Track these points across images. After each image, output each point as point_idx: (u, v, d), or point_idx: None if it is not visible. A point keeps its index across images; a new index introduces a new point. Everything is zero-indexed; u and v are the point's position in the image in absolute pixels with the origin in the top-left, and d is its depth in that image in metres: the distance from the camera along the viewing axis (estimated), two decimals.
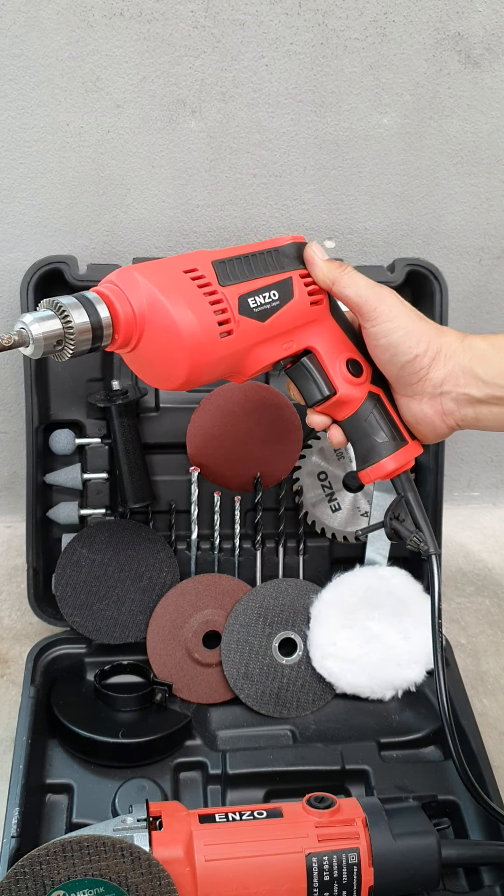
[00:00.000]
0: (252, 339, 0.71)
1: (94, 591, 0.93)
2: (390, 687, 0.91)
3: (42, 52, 0.84)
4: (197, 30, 0.85)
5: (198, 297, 0.67)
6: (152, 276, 0.66)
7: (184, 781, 0.85)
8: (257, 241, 0.77)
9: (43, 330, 0.63)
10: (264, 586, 0.94)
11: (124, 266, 0.68)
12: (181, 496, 0.98)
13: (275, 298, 0.73)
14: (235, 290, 0.71)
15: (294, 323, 0.75)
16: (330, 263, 0.75)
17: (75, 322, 0.63)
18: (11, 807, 0.77)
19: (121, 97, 0.87)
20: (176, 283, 0.67)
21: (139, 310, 0.66)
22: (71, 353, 0.64)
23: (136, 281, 0.66)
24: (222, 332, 0.68)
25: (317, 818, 0.72)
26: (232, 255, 0.73)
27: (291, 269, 0.76)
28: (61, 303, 0.64)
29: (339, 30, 0.87)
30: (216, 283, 0.69)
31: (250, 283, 0.72)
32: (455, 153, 0.95)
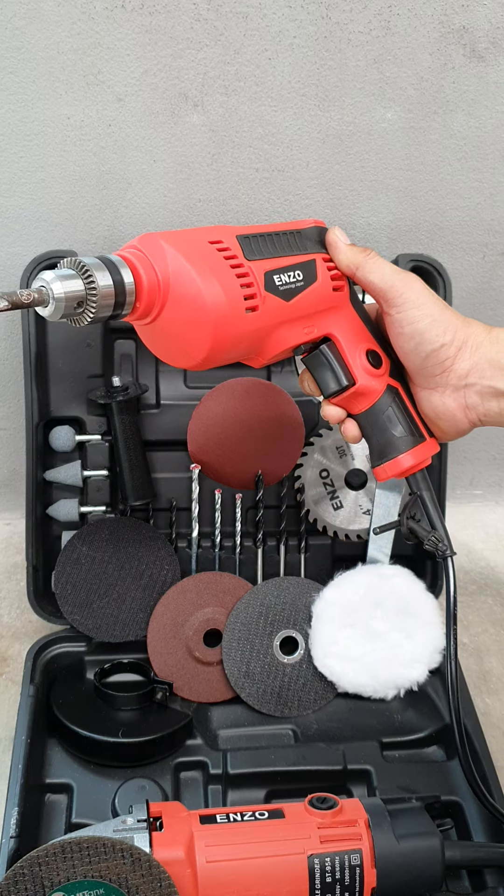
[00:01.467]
0: (276, 318, 0.69)
1: (94, 589, 0.92)
2: (392, 686, 0.90)
3: (43, 44, 0.83)
4: (199, 23, 0.84)
5: (224, 270, 0.65)
6: (178, 244, 0.64)
7: (184, 781, 0.84)
8: (278, 223, 0.74)
9: (65, 289, 0.59)
10: (266, 584, 0.93)
11: (147, 232, 0.65)
12: (182, 494, 0.97)
13: (299, 279, 0.71)
14: (261, 265, 0.68)
15: (316, 307, 0.73)
16: (353, 248, 0.73)
17: (99, 284, 0.60)
18: (10, 807, 0.76)
19: (122, 91, 0.86)
20: (202, 254, 0.64)
21: (163, 278, 0.63)
22: (91, 317, 0.61)
23: (161, 248, 0.63)
24: (248, 307, 0.66)
25: (319, 819, 0.71)
26: (256, 231, 0.70)
27: (314, 251, 0.73)
28: (85, 263, 0.61)
29: (343, 23, 0.86)
30: (242, 256, 0.67)
31: (276, 261, 0.69)
32: (459, 148, 0.95)
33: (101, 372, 0.96)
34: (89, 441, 0.96)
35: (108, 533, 0.94)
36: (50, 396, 0.95)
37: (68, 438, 0.96)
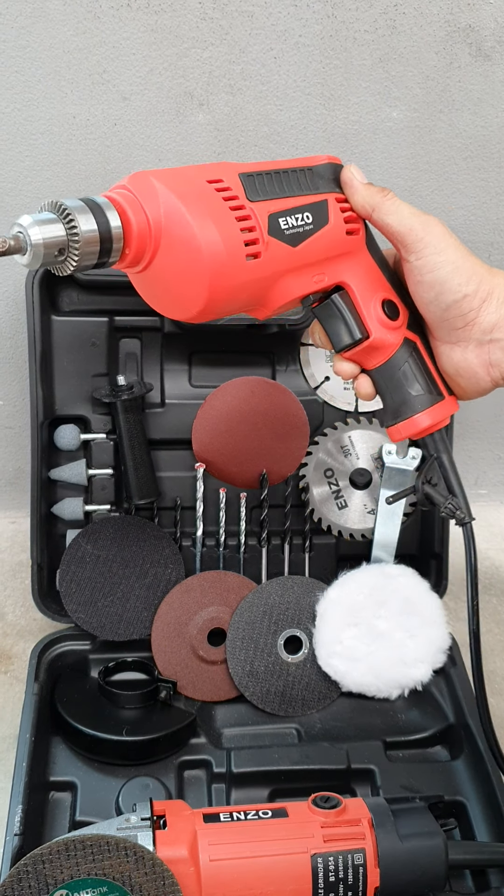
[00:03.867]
0: (281, 266, 0.63)
1: (98, 588, 0.92)
2: (396, 686, 0.90)
3: (48, 43, 0.83)
4: (205, 21, 0.84)
5: (223, 212, 0.59)
6: (172, 184, 0.58)
7: (188, 779, 0.84)
8: (287, 159, 0.68)
9: (44, 235, 0.54)
10: (270, 584, 0.93)
11: (138, 171, 0.60)
12: (187, 492, 0.97)
13: (308, 221, 0.65)
14: (265, 207, 0.62)
15: (327, 252, 0.67)
16: (370, 188, 0.67)
17: (81, 229, 0.55)
18: (14, 804, 0.76)
19: (128, 89, 0.86)
20: (199, 194, 0.59)
21: (155, 221, 0.58)
22: (74, 265, 0.56)
23: (152, 187, 0.58)
24: (249, 253, 0.61)
25: (322, 818, 0.71)
26: (261, 169, 0.64)
27: (327, 191, 0.67)
28: (66, 205, 0.56)
29: (349, 22, 0.86)
30: (244, 196, 0.61)
31: (282, 202, 0.64)
32: (465, 147, 0.94)
33: (106, 371, 0.96)
34: (94, 440, 0.96)
35: (112, 532, 0.94)
36: (55, 395, 0.95)
37: (73, 437, 0.96)
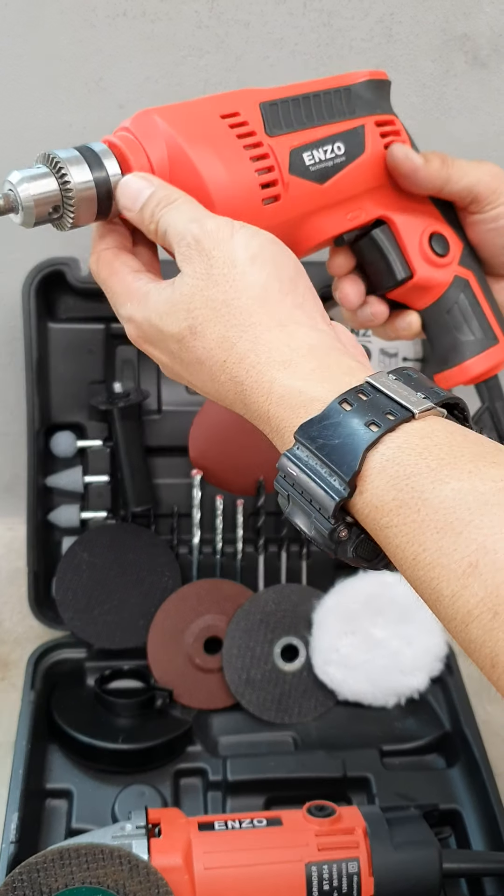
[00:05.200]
0: (305, 207, 0.58)
1: (94, 596, 0.92)
2: (393, 694, 0.90)
3: (44, 52, 0.84)
4: (201, 30, 0.84)
5: (235, 150, 0.54)
6: (178, 122, 0.53)
7: (184, 787, 0.85)
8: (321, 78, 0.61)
9: (34, 191, 0.50)
10: (266, 592, 0.93)
11: (144, 109, 0.55)
12: (183, 500, 0.97)
13: (339, 153, 0.58)
14: (287, 140, 0.56)
15: (363, 186, 0.60)
16: (429, 167, 0.62)
17: (75, 181, 0.51)
18: (10, 812, 0.76)
19: (124, 97, 0.86)
20: (208, 132, 0.54)
21: (159, 165, 0.53)
22: (72, 221, 0.53)
23: (156, 127, 0.53)
24: (266, 196, 0.55)
25: (317, 827, 0.71)
26: (287, 95, 0.58)
27: (364, 113, 0.60)
28: (57, 156, 0.51)
29: (345, 30, 0.86)
30: (262, 131, 0.56)
31: (308, 133, 0.57)
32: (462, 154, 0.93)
33: (103, 378, 0.96)
34: (90, 447, 0.96)
35: (108, 539, 0.94)
36: (51, 402, 0.95)
37: (69, 444, 0.96)
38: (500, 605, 0.39)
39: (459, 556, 0.40)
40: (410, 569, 0.43)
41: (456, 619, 0.41)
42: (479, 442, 0.44)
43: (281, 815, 0.73)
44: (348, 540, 0.46)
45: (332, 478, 0.45)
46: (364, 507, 0.44)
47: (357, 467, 0.44)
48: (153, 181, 0.54)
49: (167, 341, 0.53)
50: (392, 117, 0.65)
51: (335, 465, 0.44)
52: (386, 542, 0.44)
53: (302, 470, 0.46)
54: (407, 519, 0.42)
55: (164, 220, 0.53)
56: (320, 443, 0.45)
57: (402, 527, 0.42)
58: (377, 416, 0.45)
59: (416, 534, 0.42)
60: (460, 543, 0.40)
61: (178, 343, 0.52)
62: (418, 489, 0.42)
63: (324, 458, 0.45)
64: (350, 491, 0.44)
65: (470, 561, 0.40)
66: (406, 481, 0.43)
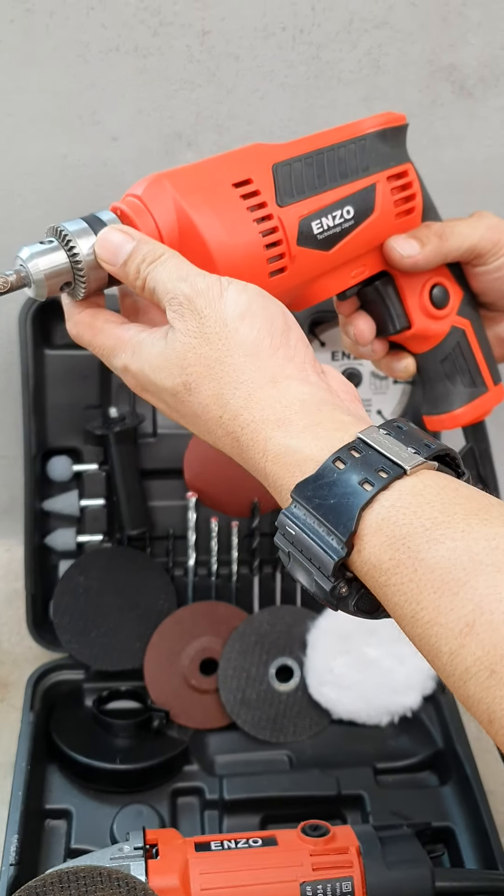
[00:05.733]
0: (310, 274, 0.58)
1: (90, 619, 0.94)
2: (387, 713, 0.91)
3: (39, 86, 0.85)
4: (192, 63, 0.86)
5: (245, 223, 0.54)
6: (188, 189, 0.54)
7: (181, 806, 0.86)
8: (335, 127, 0.61)
9: (44, 266, 0.51)
10: (261, 613, 0.95)
11: (155, 173, 0.55)
12: (179, 522, 0.99)
13: (348, 217, 0.58)
14: (297, 210, 0.56)
15: (371, 245, 0.61)
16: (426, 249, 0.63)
17: (83, 253, 0.52)
18: (10, 834, 0.77)
19: (117, 130, 0.88)
20: (218, 201, 0.54)
21: (167, 231, 0.54)
22: (84, 290, 0.54)
23: (165, 194, 0.53)
24: (272, 269, 0.56)
25: (311, 846, 0.73)
26: (301, 152, 0.58)
27: (378, 169, 0.60)
28: (65, 229, 0.52)
29: (333, 62, 0.88)
30: (273, 201, 0.56)
31: (318, 199, 0.57)
32: (449, 182, 0.96)
33: (99, 402, 0.97)
34: (86, 471, 0.97)
35: (104, 563, 0.95)
36: (47, 427, 0.97)
37: (65, 468, 0.97)
38: (496, 663, 0.40)
39: (456, 616, 0.41)
40: (409, 626, 0.44)
41: (454, 675, 0.42)
42: (471, 497, 0.45)
43: (276, 835, 0.74)
44: (349, 595, 0.47)
45: (330, 537, 0.46)
46: (362, 565, 0.45)
47: (353, 527, 0.45)
48: (134, 235, 0.54)
49: (163, 393, 0.54)
50: (405, 168, 0.64)
51: (332, 525, 0.45)
52: (385, 598, 0.45)
53: (301, 529, 0.47)
54: (404, 578, 0.43)
55: (151, 277, 0.53)
56: (316, 502, 0.46)
57: (400, 586, 0.43)
58: (370, 475, 0.46)
59: (414, 593, 0.43)
60: (457, 603, 0.41)
61: (174, 397, 0.53)
62: (414, 549, 0.43)
63: (321, 518, 0.46)
64: (348, 550, 0.45)
65: (467, 621, 0.41)
66: (402, 541, 0.44)
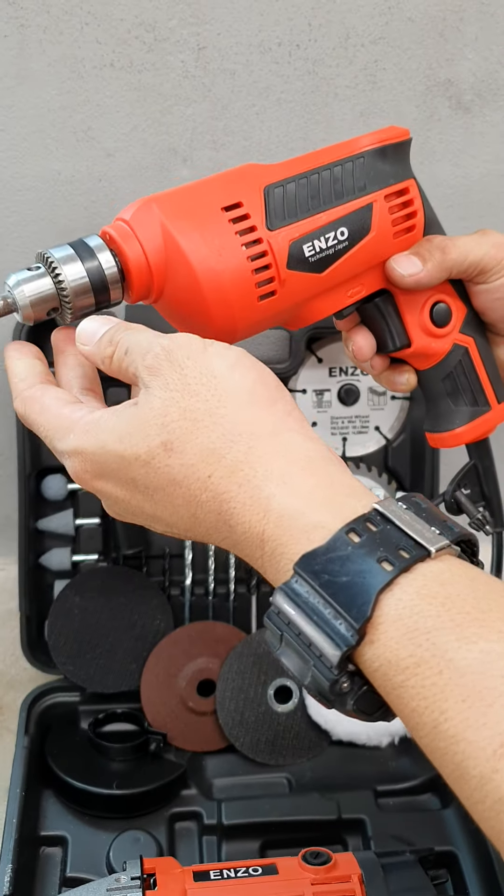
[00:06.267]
0: (302, 297, 0.57)
1: (86, 640, 0.92)
2: (387, 733, 0.90)
3: (33, 102, 0.84)
4: (188, 79, 0.85)
5: (233, 248, 0.53)
6: (175, 214, 0.52)
7: (179, 832, 0.84)
8: (333, 145, 0.59)
9: (29, 293, 0.51)
10: (259, 633, 0.93)
11: (144, 196, 0.54)
12: (175, 541, 0.97)
13: (342, 238, 0.57)
14: (288, 233, 0.55)
15: (367, 265, 0.59)
16: (430, 265, 0.61)
17: (69, 279, 0.51)
18: (4, 864, 0.75)
19: (112, 146, 0.87)
20: (206, 225, 0.53)
21: (154, 254, 0.52)
22: (70, 314, 0.53)
23: (153, 219, 0.52)
24: (262, 293, 0.54)
25: (312, 875, 0.71)
26: (294, 172, 0.56)
27: (376, 188, 0.58)
28: (52, 255, 0.52)
29: (329, 78, 0.87)
30: (262, 225, 0.54)
31: (310, 221, 0.55)
32: (447, 197, 0.95)
33: None
34: (81, 489, 0.96)
35: (100, 583, 0.94)
36: (42, 446, 0.96)
37: (60, 487, 0.96)
38: None
39: (490, 734, 0.35)
40: (428, 737, 0.38)
41: (483, 803, 0.36)
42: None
43: (276, 863, 0.73)
44: (349, 692, 0.41)
45: (338, 621, 0.39)
46: (374, 659, 0.39)
47: (369, 612, 0.39)
48: (112, 320, 0.52)
49: (129, 468, 0.47)
50: (407, 184, 0.62)
51: (342, 608, 0.39)
52: (398, 702, 0.39)
53: (301, 609, 0.41)
54: (426, 681, 0.37)
55: (124, 340, 0.50)
56: (325, 579, 0.40)
57: (420, 689, 0.38)
58: (390, 552, 0.40)
59: (437, 699, 0.37)
60: (491, 717, 0.36)
61: (145, 466, 0.46)
62: (441, 647, 0.37)
63: (328, 598, 0.40)
64: (359, 639, 0.39)
65: (502, 740, 0.35)
66: (426, 636, 0.38)
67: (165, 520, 0.48)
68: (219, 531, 0.46)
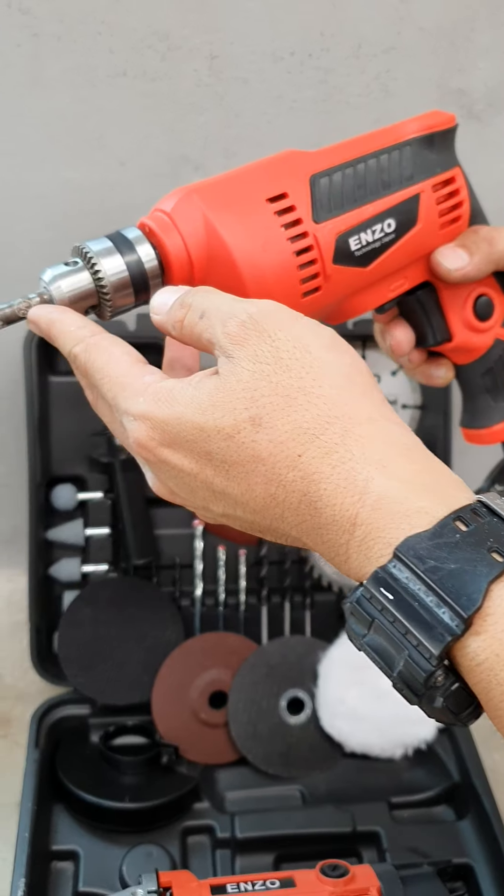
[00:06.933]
0: (346, 292, 0.55)
1: (97, 652, 0.91)
2: (400, 745, 0.89)
3: (45, 110, 0.84)
4: (200, 88, 0.85)
5: (278, 242, 0.50)
6: (218, 206, 0.50)
7: (192, 846, 0.83)
8: (375, 131, 0.57)
9: (67, 289, 0.49)
10: (271, 644, 0.93)
11: (184, 186, 0.52)
12: (185, 551, 0.97)
13: (389, 231, 0.54)
14: (334, 226, 0.52)
15: (412, 257, 0.57)
16: (476, 255, 0.58)
17: (107, 274, 0.49)
18: (17, 878, 0.75)
19: (124, 154, 0.87)
20: (250, 218, 0.50)
21: (195, 246, 0.50)
22: (110, 310, 0.50)
23: (194, 210, 0.50)
24: (306, 289, 0.52)
25: (331, 887, 0.70)
26: (339, 160, 0.53)
27: (423, 177, 0.56)
28: (89, 249, 0.50)
29: (342, 87, 0.87)
30: (309, 218, 0.52)
31: (357, 213, 0.53)
32: None
33: (104, 429, 0.95)
34: (91, 499, 0.95)
35: (110, 593, 0.93)
36: (52, 455, 0.95)
37: (70, 497, 0.95)
38: None
39: None
40: None
41: None
42: None
43: (294, 876, 0.72)
44: (441, 687, 0.38)
45: (441, 610, 0.38)
46: (479, 652, 0.37)
47: (479, 601, 0.37)
48: (184, 287, 0.49)
49: (207, 440, 0.44)
50: (453, 173, 0.60)
51: (450, 596, 0.37)
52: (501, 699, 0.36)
53: (399, 595, 0.39)
54: None
55: (199, 302, 0.47)
56: (431, 564, 0.38)
57: None
58: (500, 544, 0.38)
59: None
60: None
61: (228, 440, 0.44)
62: None
63: (433, 585, 0.38)
64: (464, 629, 0.37)
65: None
66: None
67: (235, 497, 0.45)
68: (298, 513, 0.43)
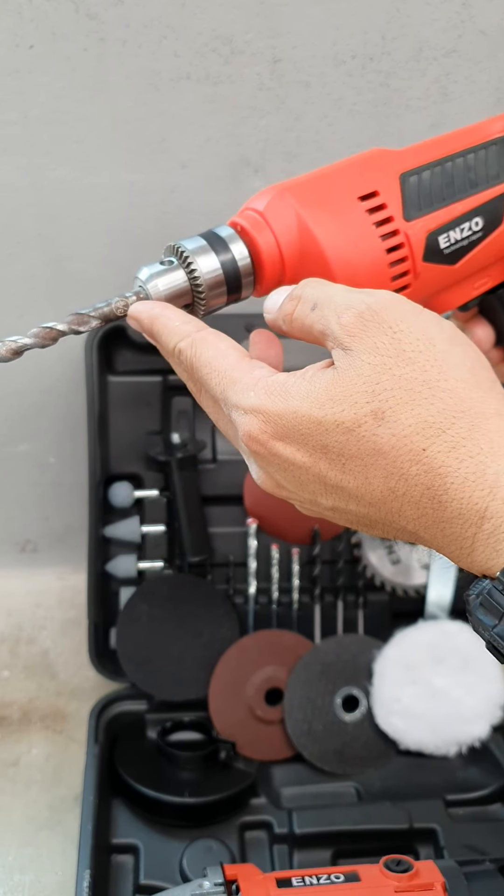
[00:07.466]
0: (433, 289, 0.55)
1: (154, 648, 0.92)
2: (455, 743, 0.90)
3: (109, 114, 0.85)
4: (262, 91, 0.86)
5: (370, 240, 0.51)
6: (311, 204, 0.51)
7: (249, 841, 0.84)
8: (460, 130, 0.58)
9: (164, 287, 0.50)
10: (326, 642, 0.93)
11: (276, 184, 0.52)
12: (238, 549, 0.98)
13: (477, 229, 0.55)
14: (425, 224, 0.53)
15: (496, 256, 0.58)
16: None
17: (203, 272, 0.50)
18: (82, 869, 0.76)
19: (186, 157, 0.88)
20: (342, 216, 0.51)
21: (287, 245, 0.51)
22: (203, 308, 0.51)
23: (287, 209, 0.51)
24: (396, 287, 0.53)
25: (395, 882, 0.71)
26: (427, 159, 0.54)
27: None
28: (184, 248, 0.50)
29: (402, 90, 0.88)
30: (400, 216, 0.52)
31: (446, 211, 0.54)
32: None
33: (160, 429, 0.97)
34: (147, 497, 0.96)
35: (167, 590, 0.94)
36: (110, 453, 0.96)
37: (127, 494, 0.96)
38: None
39: None
40: None
41: None
42: None
43: (358, 871, 0.72)
44: None
45: None
46: None
47: None
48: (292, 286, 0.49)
49: (325, 434, 0.44)
50: None
51: None
52: None
53: None
54: None
55: (310, 294, 0.46)
56: None
57: None
58: None
59: None
60: None
61: (347, 434, 0.43)
62: None
63: None
64: None
65: None
66: None
67: (349, 491, 0.44)
68: (419, 507, 0.43)
